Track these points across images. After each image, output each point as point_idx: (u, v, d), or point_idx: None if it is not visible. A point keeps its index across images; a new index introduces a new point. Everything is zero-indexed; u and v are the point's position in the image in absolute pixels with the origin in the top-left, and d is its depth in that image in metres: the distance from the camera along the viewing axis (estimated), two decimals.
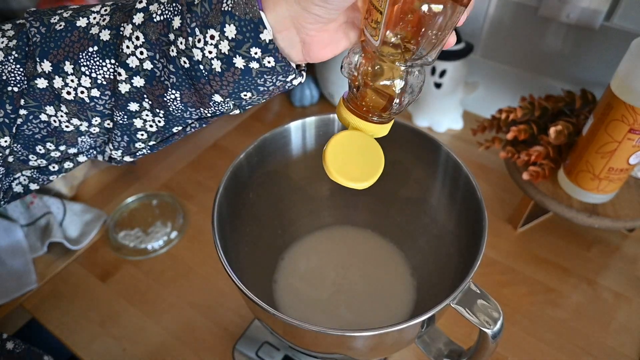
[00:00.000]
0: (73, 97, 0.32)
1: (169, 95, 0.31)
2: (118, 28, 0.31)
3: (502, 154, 0.62)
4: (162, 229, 0.67)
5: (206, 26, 0.28)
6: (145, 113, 0.33)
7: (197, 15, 0.28)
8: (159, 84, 0.31)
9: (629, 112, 0.48)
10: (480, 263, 0.38)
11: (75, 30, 0.31)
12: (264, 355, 0.52)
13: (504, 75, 0.78)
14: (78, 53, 0.31)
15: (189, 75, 0.30)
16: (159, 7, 0.29)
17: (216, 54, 0.29)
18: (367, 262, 0.59)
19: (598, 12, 0.62)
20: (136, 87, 0.31)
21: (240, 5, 0.27)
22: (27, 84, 0.32)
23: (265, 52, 0.28)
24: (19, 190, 0.38)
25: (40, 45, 0.31)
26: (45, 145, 0.34)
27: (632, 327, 0.56)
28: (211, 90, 0.30)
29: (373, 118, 0.32)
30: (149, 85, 0.31)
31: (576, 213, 0.57)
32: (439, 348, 0.45)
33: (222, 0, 0.28)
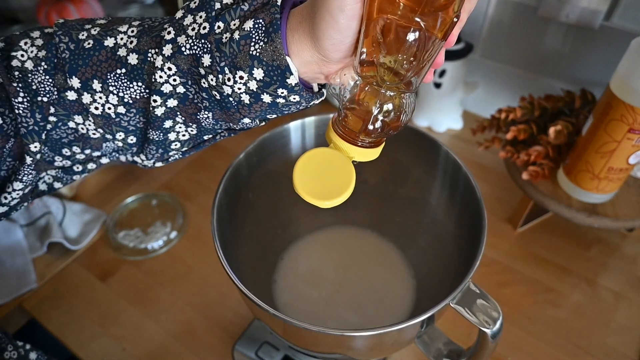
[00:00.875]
0: (100, 112, 0.33)
1: (202, 115, 0.33)
2: (146, 53, 0.32)
3: (501, 154, 0.62)
4: (161, 229, 0.67)
5: (235, 67, 0.29)
6: (178, 126, 0.34)
7: (225, 55, 0.29)
8: (192, 104, 0.32)
9: (629, 112, 0.48)
10: (479, 263, 0.38)
11: (103, 49, 0.32)
12: (263, 355, 0.52)
13: (504, 75, 0.78)
14: (106, 73, 0.32)
15: (220, 105, 0.32)
16: (187, 40, 0.30)
17: (245, 90, 0.30)
18: (366, 262, 0.59)
19: (597, 11, 0.63)
20: (170, 108, 0.33)
21: (268, 52, 0.28)
22: (58, 95, 0.33)
23: (291, 92, 0.30)
24: (44, 188, 0.39)
25: (69, 62, 0.32)
26: (72, 149, 0.36)
27: (632, 327, 0.56)
28: (240, 116, 0.32)
29: (357, 141, 0.32)
30: (182, 105, 0.33)
31: (576, 213, 0.57)
32: (438, 348, 0.45)
33: (249, 43, 0.29)
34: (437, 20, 0.25)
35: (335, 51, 0.28)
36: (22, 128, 0.32)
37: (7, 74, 0.32)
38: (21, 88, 0.32)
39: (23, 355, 0.43)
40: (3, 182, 0.34)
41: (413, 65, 0.27)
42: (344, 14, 0.26)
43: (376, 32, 0.26)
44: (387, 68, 0.28)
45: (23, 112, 0.32)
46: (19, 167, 0.34)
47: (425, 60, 0.28)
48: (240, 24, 0.29)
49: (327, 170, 0.32)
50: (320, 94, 0.33)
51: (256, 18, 0.29)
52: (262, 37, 0.28)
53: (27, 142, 0.33)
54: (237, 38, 0.29)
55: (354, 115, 0.31)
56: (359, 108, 0.30)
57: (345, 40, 0.28)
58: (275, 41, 0.28)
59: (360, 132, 0.31)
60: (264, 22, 0.28)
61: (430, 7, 0.25)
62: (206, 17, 0.30)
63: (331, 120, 0.33)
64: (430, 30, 0.26)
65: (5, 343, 0.42)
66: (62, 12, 0.83)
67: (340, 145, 0.32)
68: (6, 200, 0.35)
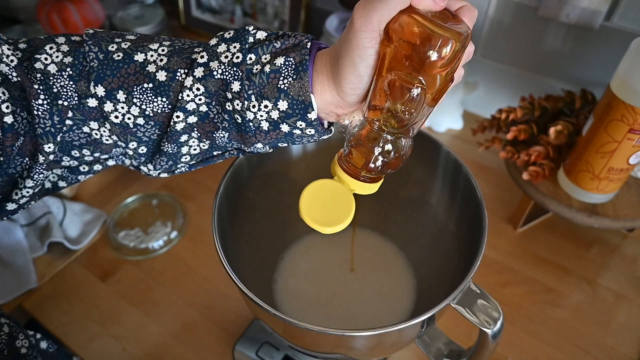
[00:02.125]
0: (119, 121, 0.35)
1: (218, 133, 0.35)
2: (175, 72, 0.33)
3: (502, 154, 0.62)
4: (162, 229, 0.67)
5: (262, 96, 0.32)
6: (192, 140, 0.36)
7: (255, 84, 0.32)
8: (211, 123, 0.35)
9: (629, 112, 0.48)
10: (480, 263, 0.38)
11: (133, 63, 0.34)
12: (264, 355, 0.52)
13: (504, 75, 0.78)
14: (133, 86, 0.33)
15: (238, 127, 0.34)
16: (219, 65, 0.33)
17: (266, 118, 0.33)
18: (367, 262, 0.59)
19: (598, 12, 0.63)
20: (189, 124, 0.35)
21: (295, 88, 0.32)
22: (78, 100, 0.34)
23: (309, 125, 0.33)
24: (49, 186, 0.40)
25: (96, 71, 0.33)
26: (82, 151, 0.37)
27: (632, 327, 0.56)
28: (255, 140, 0.35)
29: (359, 176, 0.35)
30: (201, 122, 0.35)
31: (576, 213, 0.57)
32: (438, 348, 0.45)
33: (278, 77, 0.32)
34: (436, 81, 0.30)
35: (352, 95, 0.32)
36: (39, 129, 0.33)
37: (28, 75, 0.33)
38: (42, 90, 0.33)
39: (34, 343, 0.43)
40: (14, 180, 0.35)
41: (413, 116, 0.31)
42: (365, 62, 0.30)
43: (384, 85, 0.30)
44: (390, 116, 0.32)
45: (42, 113, 0.33)
46: (32, 166, 0.35)
47: (422, 113, 0.32)
48: (272, 59, 0.32)
49: (330, 200, 0.36)
50: (330, 130, 0.36)
51: (287, 56, 0.32)
52: (291, 74, 0.32)
53: (42, 143, 0.34)
54: (268, 71, 0.32)
55: (357, 153, 0.34)
56: (362, 147, 0.34)
57: (362, 86, 0.31)
58: (303, 79, 0.31)
59: (362, 169, 0.35)
60: (294, 60, 0.32)
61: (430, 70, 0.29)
62: (240, 47, 0.33)
63: (337, 155, 0.37)
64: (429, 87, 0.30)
65: (17, 332, 0.42)
66: (63, 12, 0.83)
67: (343, 179, 0.36)
68: (17, 197, 0.36)
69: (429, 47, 0.28)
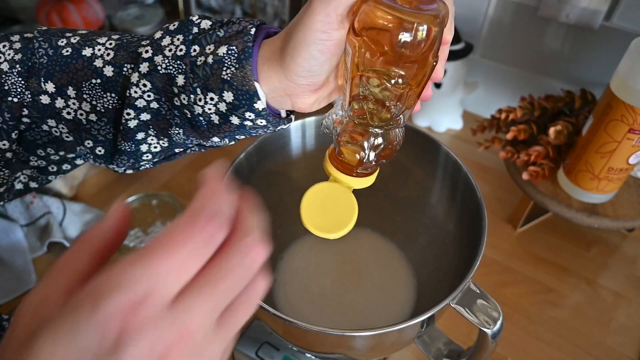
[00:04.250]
0: (72, 117, 0.34)
1: (173, 130, 0.34)
2: (122, 67, 0.33)
3: (501, 154, 0.62)
4: (162, 229, 0.67)
5: (207, 89, 0.31)
6: (150, 139, 0.35)
7: (199, 77, 0.31)
8: (164, 120, 0.34)
9: (629, 112, 0.48)
10: (480, 263, 0.38)
11: (80, 58, 0.33)
12: (263, 355, 0.52)
13: (504, 75, 0.78)
14: (81, 81, 0.33)
15: (190, 123, 0.33)
16: (163, 60, 0.32)
17: (215, 111, 0.32)
18: (366, 262, 0.59)
19: (598, 12, 0.63)
20: (143, 121, 0.34)
21: (238, 77, 0.30)
22: (32, 98, 0.33)
23: (259, 116, 0.32)
24: (20, 187, 0.40)
25: (46, 67, 0.33)
26: (46, 150, 0.36)
27: (632, 327, 0.56)
28: (210, 134, 0.34)
29: (353, 173, 0.34)
30: (154, 120, 0.34)
31: (576, 213, 0.57)
32: (438, 348, 0.45)
33: (221, 67, 0.30)
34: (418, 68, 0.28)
35: (303, 80, 0.30)
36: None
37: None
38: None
39: None
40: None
41: (399, 107, 0.30)
42: (316, 46, 0.28)
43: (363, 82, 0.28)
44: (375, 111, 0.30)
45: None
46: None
47: (410, 102, 0.30)
48: (215, 49, 0.31)
49: (332, 204, 0.35)
50: (288, 119, 0.35)
51: (230, 45, 0.30)
52: (234, 63, 0.30)
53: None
54: (211, 62, 0.30)
55: (348, 150, 0.33)
56: (352, 145, 0.33)
57: (314, 70, 0.29)
58: (245, 68, 0.30)
59: (357, 166, 0.34)
60: (236, 49, 0.30)
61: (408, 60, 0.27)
62: (183, 39, 0.32)
63: (327, 154, 0.35)
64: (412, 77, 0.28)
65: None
66: (62, 12, 0.83)
67: (339, 178, 0.34)
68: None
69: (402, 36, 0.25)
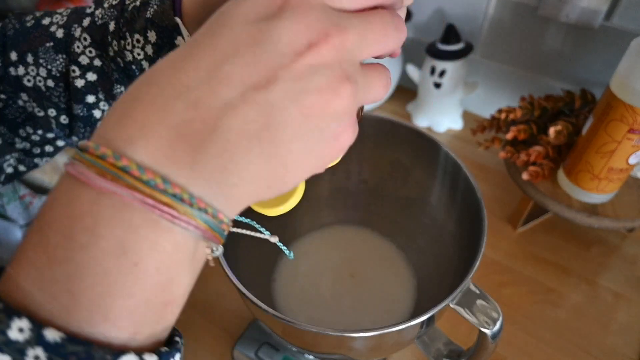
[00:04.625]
0: (32, 85, 0.36)
1: (116, 89, 0.35)
2: (70, 28, 0.34)
3: (501, 154, 0.62)
4: None
5: (133, 30, 0.31)
6: (102, 104, 0.36)
7: (127, 20, 0.32)
8: (107, 79, 0.35)
9: (629, 112, 0.47)
10: (479, 263, 0.38)
11: (40, 27, 0.35)
12: (263, 356, 0.52)
13: (504, 75, 0.78)
14: (37, 47, 0.35)
15: (126, 74, 0.34)
16: (101, 11, 0.33)
17: (144, 56, 0.32)
18: (366, 262, 0.59)
19: (597, 11, 0.62)
20: (90, 82, 0.35)
21: (158, 13, 0.30)
22: (4, 71, 0.35)
23: None
24: (10, 171, 0.41)
25: (12, 39, 0.35)
26: (26, 129, 0.38)
27: (632, 327, 0.56)
28: None
29: None
30: (101, 80, 0.35)
31: (576, 213, 0.57)
32: (438, 348, 0.45)
33: (146, 7, 0.31)
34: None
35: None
36: None
37: None
38: None
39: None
40: None
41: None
42: None
43: None
44: None
45: None
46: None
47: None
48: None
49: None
50: None
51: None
52: (157, 2, 0.31)
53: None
54: (139, 4, 0.31)
55: None
56: None
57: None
58: (165, 3, 0.30)
59: None
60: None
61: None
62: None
63: None
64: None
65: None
66: None
67: None
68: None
69: None
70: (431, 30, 0.80)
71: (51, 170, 0.70)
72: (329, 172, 0.45)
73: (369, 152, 0.56)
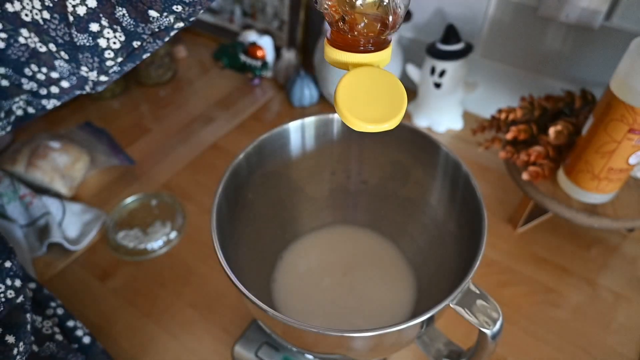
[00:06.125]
0: (30, 19, 0.36)
1: (118, 12, 0.35)
2: None
3: (501, 154, 0.62)
4: (161, 229, 0.67)
5: None
6: (106, 31, 0.36)
7: None
8: (108, 2, 0.35)
9: (629, 112, 0.47)
10: (479, 263, 0.38)
11: None
12: (263, 356, 0.52)
13: (504, 75, 0.78)
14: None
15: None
16: None
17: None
18: (366, 262, 0.59)
19: (597, 12, 0.62)
20: (91, 9, 0.35)
21: None
22: (1, 8, 0.35)
23: None
24: (20, 113, 0.42)
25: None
26: (31, 67, 0.39)
27: (632, 327, 0.56)
28: (144, 7, 0.34)
29: (370, 47, 0.29)
30: (100, 5, 0.35)
31: (576, 213, 0.57)
32: (438, 348, 0.45)
33: None
34: None
35: None
36: None
37: None
38: None
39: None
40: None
41: None
42: None
43: None
44: None
45: None
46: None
47: None
48: None
49: (373, 91, 0.29)
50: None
51: None
52: None
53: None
54: None
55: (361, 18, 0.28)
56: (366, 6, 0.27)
57: None
58: None
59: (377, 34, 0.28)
60: None
61: None
62: None
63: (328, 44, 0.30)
64: None
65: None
66: None
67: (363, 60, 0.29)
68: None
69: None
70: (431, 30, 0.80)
71: (51, 170, 0.70)
72: (329, 172, 0.45)
73: (369, 152, 0.56)
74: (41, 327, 0.48)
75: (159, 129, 0.85)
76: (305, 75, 0.85)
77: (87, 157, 0.75)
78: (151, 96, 0.92)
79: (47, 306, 0.52)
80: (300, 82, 0.85)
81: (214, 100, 0.90)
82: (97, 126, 0.82)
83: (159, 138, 0.83)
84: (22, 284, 0.42)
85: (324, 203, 0.61)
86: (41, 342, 0.46)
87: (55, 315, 0.52)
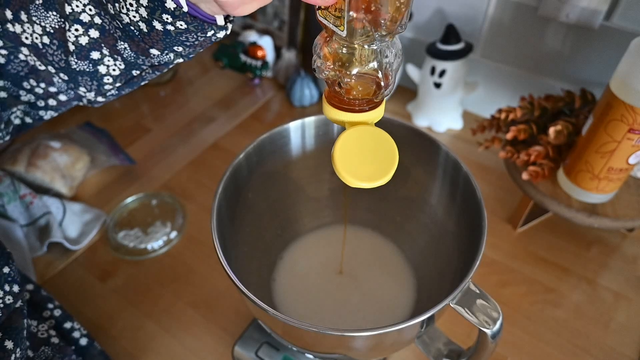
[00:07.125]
0: (30, 42, 0.36)
1: (120, 45, 0.36)
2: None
3: (501, 154, 0.62)
4: (161, 229, 0.67)
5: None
6: (107, 59, 0.37)
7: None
8: (110, 35, 0.35)
9: (629, 112, 0.48)
10: (479, 263, 0.38)
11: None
12: (263, 356, 0.52)
13: (504, 75, 0.78)
14: (28, 5, 0.35)
15: (126, 34, 0.34)
16: None
17: (139, 18, 0.32)
18: (366, 262, 0.59)
19: (597, 11, 0.62)
20: (93, 39, 0.35)
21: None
22: (2, 27, 0.36)
23: (175, 17, 0.31)
24: (18, 122, 0.43)
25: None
26: (30, 82, 0.40)
27: (632, 327, 0.56)
28: (146, 46, 0.35)
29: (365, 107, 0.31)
30: (103, 36, 0.35)
31: (576, 213, 0.57)
32: (438, 348, 0.45)
33: None
34: None
35: None
36: None
37: None
38: None
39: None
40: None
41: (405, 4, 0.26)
42: None
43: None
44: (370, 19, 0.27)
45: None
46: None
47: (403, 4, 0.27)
48: None
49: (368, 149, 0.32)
50: (225, 28, 0.34)
51: None
52: None
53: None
54: None
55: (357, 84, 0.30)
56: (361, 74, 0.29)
57: None
58: None
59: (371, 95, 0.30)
60: None
61: None
62: None
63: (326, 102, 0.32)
64: None
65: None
66: None
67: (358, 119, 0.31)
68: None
69: None
70: (431, 30, 0.80)
71: (52, 170, 0.70)
72: (328, 172, 0.45)
73: None
74: (36, 331, 0.48)
75: (159, 129, 0.85)
76: (305, 75, 0.85)
77: (88, 157, 0.75)
78: (151, 96, 0.92)
79: (44, 308, 0.52)
80: (300, 82, 0.85)
81: (214, 100, 0.91)
82: (98, 126, 0.82)
83: (159, 138, 0.83)
84: (20, 289, 0.42)
85: (324, 203, 0.61)
86: (36, 346, 0.46)
87: (52, 318, 0.51)
